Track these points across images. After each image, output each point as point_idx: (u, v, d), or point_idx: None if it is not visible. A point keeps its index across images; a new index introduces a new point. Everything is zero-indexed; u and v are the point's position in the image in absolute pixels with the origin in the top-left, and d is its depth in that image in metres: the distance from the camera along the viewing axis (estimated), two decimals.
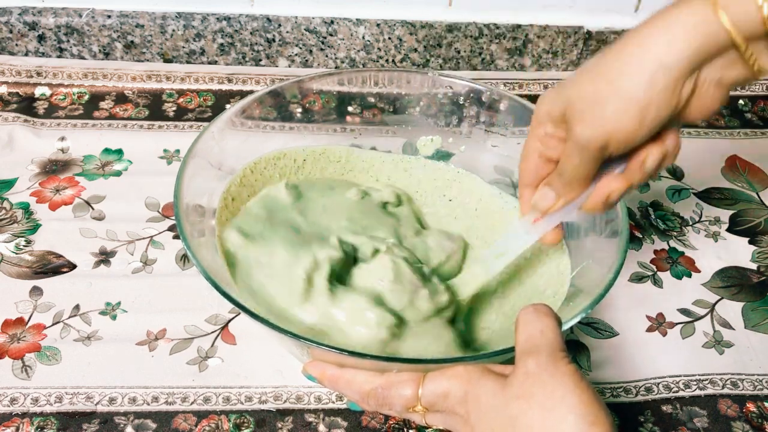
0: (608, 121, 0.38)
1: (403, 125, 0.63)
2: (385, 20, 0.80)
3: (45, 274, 0.58)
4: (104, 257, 0.60)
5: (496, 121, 0.60)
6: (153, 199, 0.65)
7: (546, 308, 0.40)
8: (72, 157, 0.69)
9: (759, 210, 0.69)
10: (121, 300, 0.57)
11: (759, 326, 0.58)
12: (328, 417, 0.50)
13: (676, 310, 0.59)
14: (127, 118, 0.74)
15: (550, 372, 0.36)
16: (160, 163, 0.69)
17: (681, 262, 0.63)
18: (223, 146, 0.54)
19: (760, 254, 0.64)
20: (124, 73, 0.78)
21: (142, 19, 0.79)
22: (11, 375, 0.51)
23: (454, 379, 0.39)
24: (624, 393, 0.53)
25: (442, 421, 0.42)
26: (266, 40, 0.81)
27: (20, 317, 0.55)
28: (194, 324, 0.55)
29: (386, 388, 0.41)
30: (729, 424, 0.51)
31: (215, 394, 0.51)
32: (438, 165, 0.61)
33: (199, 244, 0.47)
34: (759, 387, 0.54)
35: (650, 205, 0.69)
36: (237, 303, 0.42)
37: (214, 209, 0.52)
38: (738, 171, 0.73)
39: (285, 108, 0.59)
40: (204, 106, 0.77)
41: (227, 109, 0.55)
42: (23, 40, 0.79)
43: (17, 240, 0.61)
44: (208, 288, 0.42)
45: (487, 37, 0.82)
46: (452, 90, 0.61)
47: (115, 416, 0.49)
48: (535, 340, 0.38)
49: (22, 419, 0.49)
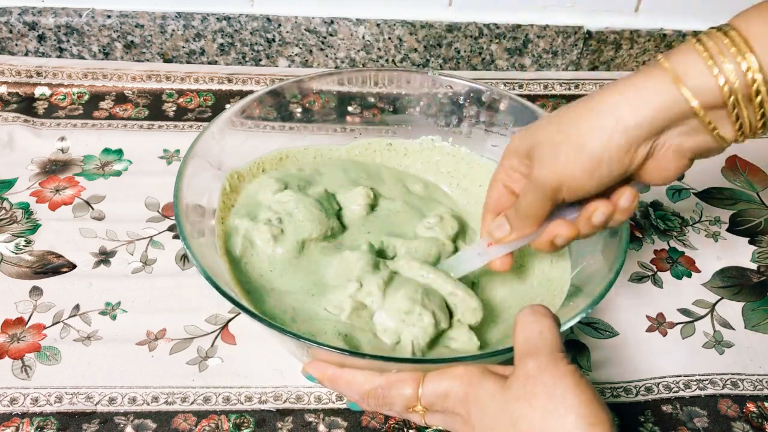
0: (562, 167, 0.40)
1: (403, 125, 0.63)
2: (385, 20, 0.80)
3: (45, 274, 0.58)
4: (104, 257, 0.60)
5: (496, 121, 0.60)
6: (153, 199, 0.65)
7: (544, 309, 0.40)
8: (72, 157, 0.69)
9: (759, 210, 0.69)
10: (121, 300, 0.57)
11: (759, 326, 0.58)
12: (328, 417, 0.50)
13: (676, 310, 0.59)
14: (127, 118, 0.74)
15: (550, 372, 0.36)
16: (160, 163, 0.69)
17: (681, 262, 0.63)
18: (223, 146, 0.54)
19: (760, 254, 0.64)
20: (124, 73, 0.78)
21: (142, 19, 0.79)
22: (11, 375, 0.51)
23: (454, 380, 0.39)
24: (624, 393, 0.53)
25: (441, 421, 0.42)
26: (266, 40, 0.81)
27: (20, 317, 0.55)
28: (194, 324, 0.55)
29: (386, 388, 0.41)
30: (729, 424, 0.51)
31: (215, 394, 0.51)
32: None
33: (199, 244, 0.47)
34: (759, 387, 0.54)
35: (650, 205, 0.69)
36: (237, 303, 0.42)
37: (214, 209, 0.52)
38: (738, 171, 0.73)
39: (285, 108, 0.59)
40: (204, 106, 0.77)
41: (227, 109, 0.55)
42: (23, 40, 0.79)
43: (17, 240, 0.61)
44: (208, 288, 0.42)
45: (487, 37, 0.82)
46: (452, 90, 0.61)
47: (115, 416, 0.49)
48: (534, 341, 0.38)
49: (22, 419, 0.49)
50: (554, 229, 0.44)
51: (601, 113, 0.38)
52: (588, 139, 0.38)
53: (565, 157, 0.39)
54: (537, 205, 0.43)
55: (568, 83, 0.82)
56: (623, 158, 0.38)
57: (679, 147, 0.39)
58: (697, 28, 0.84)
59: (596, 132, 0.38)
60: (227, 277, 0.48)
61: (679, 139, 0.38)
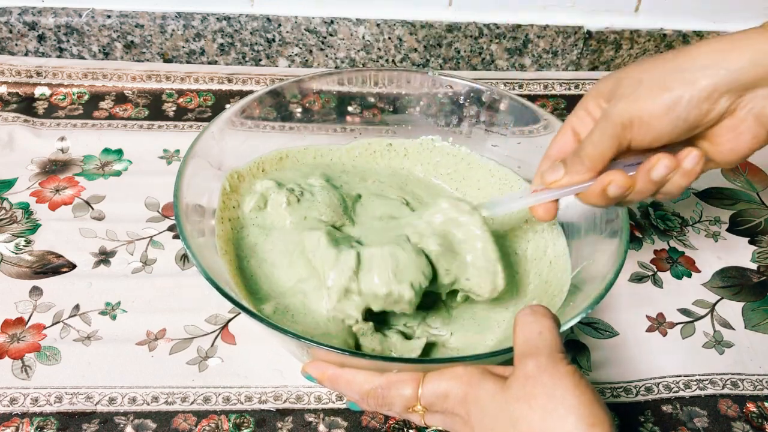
0: (639, 100, 0.38)
1: (403, 125, 0.63)
2: (385, 20, 0.80)
3: (45, 274, 0.58)
4: (104, 257, 0.60)
5: (496, 121, 0.60)
6: (153, 199, 0.65)
7: (544, 309, 0.40)
8: (72, 157, 0.69)
9: (759, 210, 0.69)
10: (121, 300, 0.57)
11: (759, 326, 0.58)
12: (328, 417, 0.50)
13: (676, 310, 0.59)
14: (127, 118, 0.74)
15: (549, 373, 0.36)
16: (160, 163, 0.69)
17: (681, 262, 0.63)
18: (223, 146, 0.54)
19: (760, 254, 0.64)
20: (124, 73, 0.78)
21: (142, 19, 0.79)
22: (11, 375, 0.51)
23: (454, 380, 0.39)
24: (624, 393, 0.53)
25: (441, 422, 0.42)
26: (266, 40, 0.81)
27: (20, 317, 0.55)
28: (194, 324, 0.55)
29: (386, 388, 0.41)
30: (729, 424, 0.51)
31: (215, 394, 0.51)
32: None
33: (199, 244, 0.47)
34: (759, 387, 0.54)
35: (650, 205, 0.69)
36: (237, 303, 0.42)
37: (214, 209, 0.52)
38: (738, 171, 0.73)
39: (285, 108, 0.59)
40: (204, 106, 0.77)
41: (227, 109, 0.55)
42: (23, 40, 0.79)
43: (17, 240, 0.61)
44: (208, 288, 0.42)
45: (487, 37, 0.82)
46: (452, 90, 0.61)
47: (115, 416, 0.49)
48: (533, 342, 0.38)
49: (22, 419, 0.49)
50: (609, 176, 0.41)
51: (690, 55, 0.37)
52: (670, 78, 0.37)
53: (644, 92, 0.38)
54: (602, 143, 0.40)
55: (568, 83, 0.82)
56: (703, 103, 0.37)
57: (761, 112, 0.37)
58: (697, 29, 0.84)
59: (681, 72, 0.37)
60: (227, 277, 0.48)
61: (764, 102, 0.36)
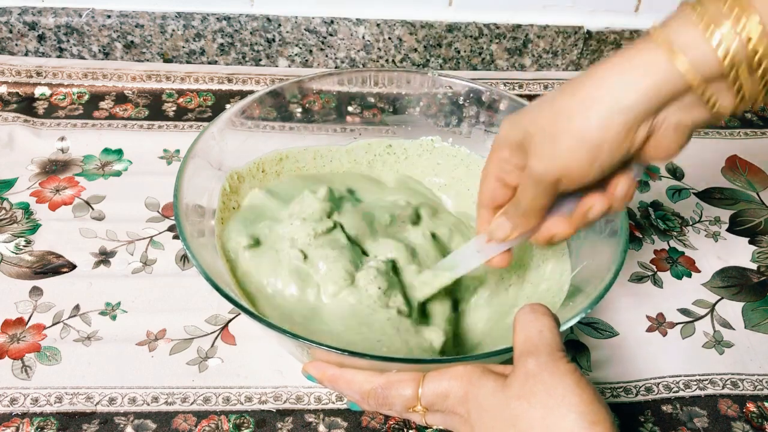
0: (561, 158, 0.38)
1: (403, 125, 0.63)
2: (385, 20, 0.80)
3: (45, 274, 0.58)
4: (104, 257, 0.60)
5: (495, 121, 0.60)
6: (153, 199, 0.65)
7: (543, 308, 0.40)
8: (72, 157, 0.69)
9: (759, 210, 0.69)
10: (121, 300, 0.57)
11: (759, 326, 0.58)
12: (328, 417, 0.50)
13: (676, 310, 0.59)
14: (127, 118, 0.74)
15: (550, 371, 0.36)
16: (160, 163, 0.69)
17: (681, 262, 0.63)
18: (223, 146, 0.54)
19: (760, 254, 0.64)
20: (124, 73, 0.78)
21: (142, 19, 0.79)
22: (11, 375, 0.51)
23: (454, 380, 0.39)
24: (624, 393, 0.53)
25: (441, 421, 0.42)
26: (266, 40, 0.81)
27: (20, 317, 0.55)
28: (194, 324, 0.55)
29: (386, 388, 0.41)
30: (729, 424, 0.51)
31: (215, 395, 0.51)
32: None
33: (199, 245, 0.47)
34: (759, 387, 0.54)
35: (650, 205, 0.69)
36: (237, 303, 0.42)
37: (214, 209, 0.52)
38: (738, 171, 0.73)
39: (285, 108, 0.59)
40: (204, 106, 0.77)
41: (227, 109, 0.55)
42: (23, 40, 0.79)
43: (17, 240, 0.61)
44: (208, 288, 0.42)
45: (487, 37, 0.82)
46: (452, 90, 0.61)
47: (115, 416, 0.49)
48: (533, 341, 0.38)
49: (22, 419, 0.49)
50: (552, 227, 0.44)
51: (596, 97, 0.36)
52: (584, 128, 0.37)
53: (563, 149, 0.38)
54: (538, 200, 0.41)
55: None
56: (623, 143, 0.37)
57: (679, 123, 0.37)
58: None
59: (593, 119, 0.36)
60: (227, 277, 0.48)
61: (678, 114, 0.36)
